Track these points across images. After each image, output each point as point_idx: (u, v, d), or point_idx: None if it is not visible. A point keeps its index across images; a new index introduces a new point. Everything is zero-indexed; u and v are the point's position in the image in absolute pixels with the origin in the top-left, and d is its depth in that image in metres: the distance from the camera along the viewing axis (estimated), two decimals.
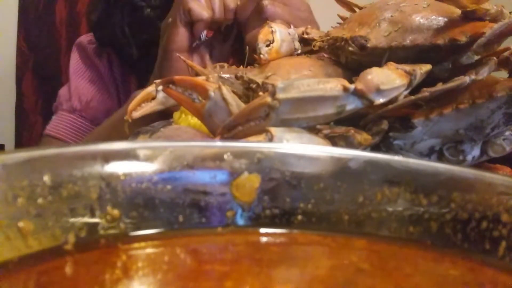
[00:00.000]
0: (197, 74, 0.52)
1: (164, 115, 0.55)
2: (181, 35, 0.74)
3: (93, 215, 0.23)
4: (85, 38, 1.02)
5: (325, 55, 0.50)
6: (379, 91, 0.37)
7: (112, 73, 0.99)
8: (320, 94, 0.36)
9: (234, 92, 0.42)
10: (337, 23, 0.52)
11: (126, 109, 0.51)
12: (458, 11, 0.42)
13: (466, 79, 0.40)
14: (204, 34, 0.79)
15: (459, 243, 0.25)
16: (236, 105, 0.40)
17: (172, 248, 0.24)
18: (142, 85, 0.90)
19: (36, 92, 2.25)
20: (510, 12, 0.42)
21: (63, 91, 0.99)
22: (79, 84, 0.97)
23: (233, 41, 0.79)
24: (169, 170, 0.24)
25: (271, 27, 0.51)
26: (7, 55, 2.22)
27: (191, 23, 0.74)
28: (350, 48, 0.44)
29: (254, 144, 0.26)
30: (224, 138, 0.37)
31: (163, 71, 0.74)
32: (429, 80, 0.41)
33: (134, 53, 0.94)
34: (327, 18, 0.74)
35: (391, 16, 0.44)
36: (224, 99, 0.40)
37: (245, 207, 0.25)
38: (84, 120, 0.95)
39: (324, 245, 0.26)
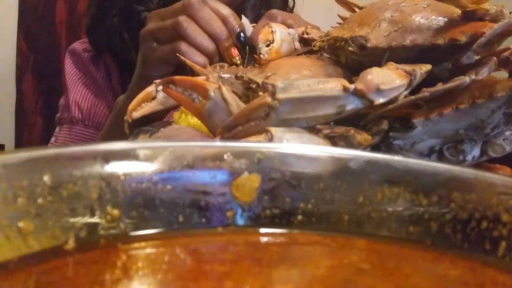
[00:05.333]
0: (197, 74, 0.52)
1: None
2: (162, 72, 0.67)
3: (93, 215, 0.23)
4: (80, 45, 0.99)
5: (325, 55, 0.50)
6: (379, 91, 0.37)
7: (110, 82, 0.97)
8: (320, 94, 0.36)
9: (234, 92, 0.42)
10: (337, 23, 0.52)
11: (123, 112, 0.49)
12: (458, 11, 0.42)
13: (466, 79, 0.40)
14: None
15: (459, 243, 0.25)
16: (236, 105, 0.40)
17: (172, 248, 0.24)
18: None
19: (36, 92, 2.25)
20: (510, 12, 0.42)
21: (62, 101, 0.97)
22: (76, 91, 0.94)
23: None
24: (169, 170, 0.24)
25: (271, 27, 0.51)
26: (7, 55, 2.22)
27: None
28: (350, 48, 0.44)
29: (254, 144, 0.26)
30: (224, 138, 0.37)
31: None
32: (429, 80, 0.41)
33: (134, 58, 0.92)
34: (327, 18, 0.74)
35: (391, 16, 0.44)
36: (224, 99, 0.40)
37: (245, 207, 0.25)
38: (89, 128, 0.93)
39: (324, 245, 0.26)
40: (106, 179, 0.23)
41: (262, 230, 0.25)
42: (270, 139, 0.35)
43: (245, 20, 0.66)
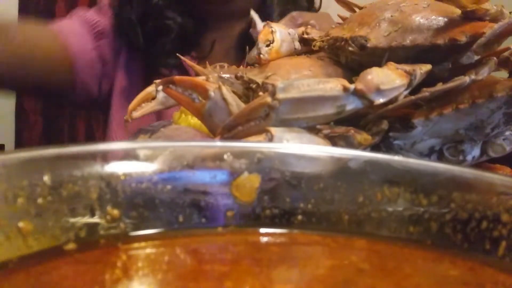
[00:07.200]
0: (197, 74, 0.52)
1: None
2: None
3: (93, 215, 0.23)
4: (91, 16, 0.93)
5: (325, 55, 0.50)
6: (379, 91, 0.37)
7: (117, 58, 0.92)
8: (320, 94, 0.36)
9: (234, 92, 0.42)
10: (337, 23, 0.52)
11: None
12: (458, 11, 0.42)
13: (466, 79, 0.40)
14: None
15: (459, 243, 0.25)
16: (236, 105, 0.40)
17: (172, 248, 0.24)
18: (149, 70, 0.89)
19: None
20: (510, 12, 0.42)
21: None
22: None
23: None
24: (169, 170, 0.24)
25: (271, 27, 0.51)
26: None
27: None
28: (350, 48, 0.44)
29: (254, 144, 0.26)
30: (224, 138, 0.37)
31: None
32: (429, 80, 0.41)
33: (140, 43, 0.90)
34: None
35: (391, 16, 0.44)
36: (224, 99, 0.40)
37: (245, 207, 0.25)
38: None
39: (324, 245, 0.26)
40: (106, 179, 0.23)
41: (262, 230, 0.25)
42: (270, 139, 0.35)
43: (254, 15, 0.65)
